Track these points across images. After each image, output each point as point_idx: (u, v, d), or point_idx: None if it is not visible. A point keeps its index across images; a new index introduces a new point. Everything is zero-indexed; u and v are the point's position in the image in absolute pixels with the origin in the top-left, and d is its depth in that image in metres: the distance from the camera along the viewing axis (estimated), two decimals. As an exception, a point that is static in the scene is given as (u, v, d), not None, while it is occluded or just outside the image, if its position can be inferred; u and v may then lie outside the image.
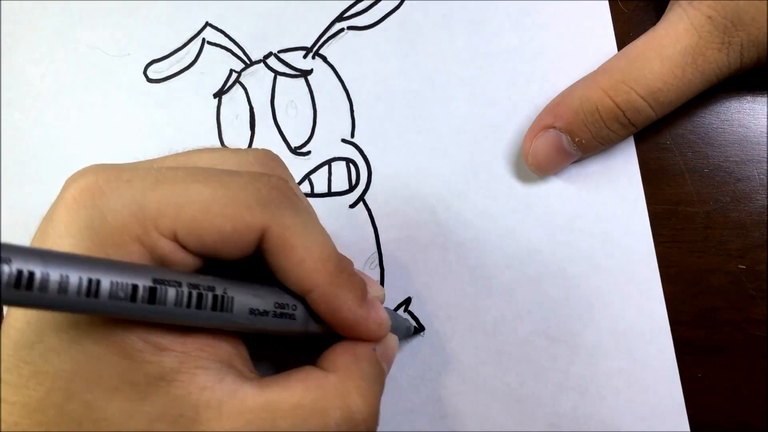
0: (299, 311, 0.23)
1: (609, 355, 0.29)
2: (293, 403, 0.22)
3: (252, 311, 0.22)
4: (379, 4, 0.33)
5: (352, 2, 0.33)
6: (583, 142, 0.28)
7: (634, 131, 0.28)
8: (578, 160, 0.30)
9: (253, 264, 0.23)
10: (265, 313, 0.22)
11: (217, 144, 0.34)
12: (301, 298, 0.23)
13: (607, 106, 0.27)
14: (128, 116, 0.34)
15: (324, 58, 0.33)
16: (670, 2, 0.27)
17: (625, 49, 0.27)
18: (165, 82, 0.34)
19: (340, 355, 0.24)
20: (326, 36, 0.33)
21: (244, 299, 0.22)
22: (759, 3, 0.24)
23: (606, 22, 0.31)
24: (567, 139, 0.28)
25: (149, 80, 0.34)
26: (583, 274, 0.30)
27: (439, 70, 0.32)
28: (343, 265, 0.23)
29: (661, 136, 0.30)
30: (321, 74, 0.33)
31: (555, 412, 0.29)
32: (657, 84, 0.26)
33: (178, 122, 0.34)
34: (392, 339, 0.26)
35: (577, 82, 0.28)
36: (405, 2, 0.32)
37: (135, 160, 0.34)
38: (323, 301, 0.23)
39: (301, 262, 0.22)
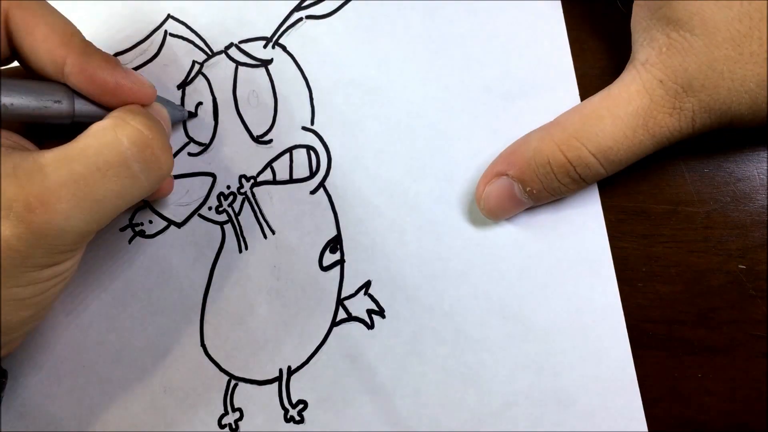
0: (62, 93, 0.26)
1: (563, 332, 0.29)
2: (82, 146, 0.25)
3: (10, 94, 0.25)
4: (337, -7, 0.33)
5: (310, -9, 0.33)
6: (534, 192, 0.28)
7: (585, 186, 0.28)
8: (530, 209, 0.30)
9: None
10: (27, 93, 0.25)
11: (182, 135, 0.34)
12: (62, 84, 0.26)
13: (559, 160, 0.27)
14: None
15: (284, 48, 0.34)
16: (627, 64, 0.27)
17: (580, 105, 0.28)
18: (129, 75, 0.35)
19: (115, 111, 0.27)
20: (285, 25, 0.34)
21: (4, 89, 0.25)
22: (710, 71, 0.24)
23: (556, 5, 0.31)
24: (519, 188, 0.28)
25: (114, 73, 0.35)
26: (537, 254, 0.30)
27: (395, 57, 0.32)
28: (88, 41, 0.27)
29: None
30: (281, 63, 0.34)
31: (512, 390, 0.30)
32: (608, 143, 0.26)
33: (143, 114, 0.35)
34: (160, 107, 0.30)
35: (533, 132, 0.29)
36: (361, -10, 0.33)
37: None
38: (78, 69, 0.26)
39: (47, 36, 0.25)
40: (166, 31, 0.35)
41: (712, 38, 0.24)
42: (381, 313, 0.31)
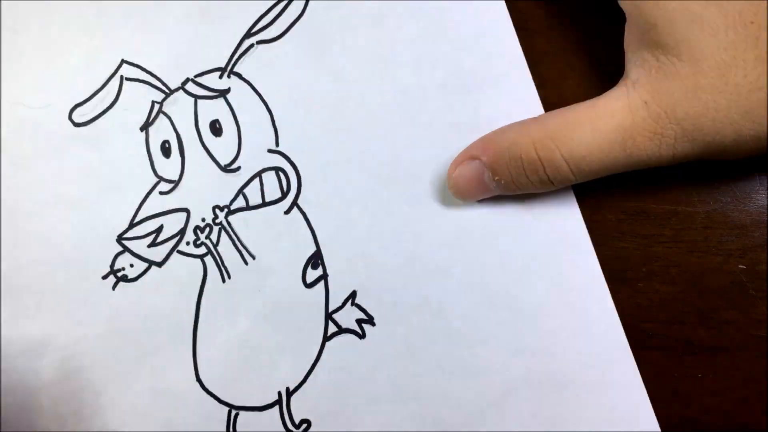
0: None
1: (551, 313, 0.30)
2: None
3: None
4: (284, 15, 0.34)
5: (258, 17, 0.34)
6: (502, 182, 0.28)
7: (552, 188, 0.28)
8: (497, 197, 0.30)
9: None
10: None
11: (152, 175, 0.34)
12: None
13: (531, 156, 0.27)
14: (62, 162, 0.35)
15: (239, 75, 0.34)
16: (620, 80, 0.27)
17: (565, 109, 0.27)
18: (91, 124, 0.35)
19: None
20: (238, 53, 0.34)
21: None
22: (694, 99, 0.24)
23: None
24: (488, 175, 0.28)
25: (75, 125, 0.35)
26: (515, 240, 0.30)
27: (349, 67, 0.33)
28: None
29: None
30: (238, 91, 0.34)
31: (510, 377, 0.30)
32: (581, 151, 0.26)
33: (111, 160, 0.35)
34: None
35: (514, 123, 0.28)
36: (308, 8, 0.33)
37: (74, 203, 0.35)
38: None
39: None
40: (122, 77, 0.35)
41: (698, 65, 0.24)
42: (370, 321, 0.31)
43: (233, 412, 0.32)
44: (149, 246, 0.34)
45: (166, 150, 0.34)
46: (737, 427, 0.28)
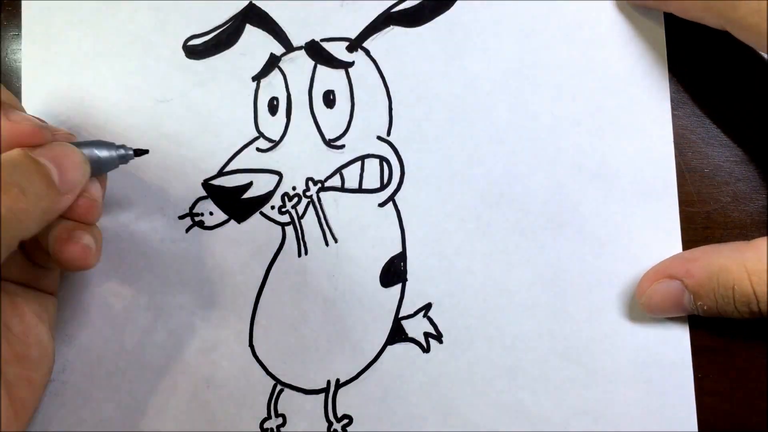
0: None
1: (627, 384, 0.29)
2: None
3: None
4: (431, 3, 0.32)
5: (401, -3, 0.32)
6: (705, 307, 0.27)
7: (759, 317, 0.26)
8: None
9: None
10: None
11: (253, 130, 0.33)
12: None
13: (745, 289, 0.25)
14: (165, 90, 0.34)
15: (367, 52, 0.33)
16: None
17: None
18: (203, 60, 0.34)
19: None
20: (372, 29, 0.33)
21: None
22: None
23: (660, 43, 0.30)
24: (689, 299, 0.27)
25: (187, 55, 0.34)
26: (611, 300, 0.29)
27: (484, 77, 0.31)
28: None
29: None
30: (362, 68, 0.33)
31: (565, 434, 0.29)
32: None
33: (215, 102, 0.34)
34: (63, 147, 0.26)
35: (723, 246, 0.27)
36: (456, 3, 0.32)
37: (168, 136, 0.34)
38: None
39: None
40: (245, 19, 0.34)
41: None
42: (438, 337, 0.31)
43: (278, 387, 0.32)
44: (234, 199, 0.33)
45: (273, 107, 0.33)
46: (737, 428, 0.28)
